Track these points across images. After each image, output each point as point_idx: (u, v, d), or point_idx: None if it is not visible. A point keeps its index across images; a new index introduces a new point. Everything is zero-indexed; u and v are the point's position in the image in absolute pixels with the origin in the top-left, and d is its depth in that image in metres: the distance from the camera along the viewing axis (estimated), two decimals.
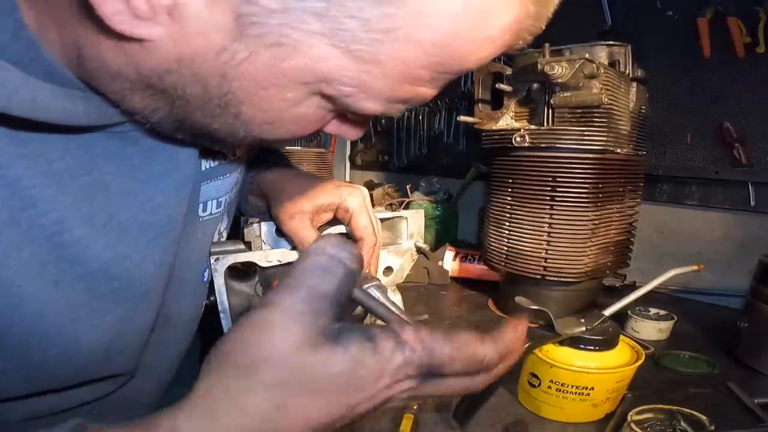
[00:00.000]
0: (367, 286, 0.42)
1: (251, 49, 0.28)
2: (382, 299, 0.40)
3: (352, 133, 0.40)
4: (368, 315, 0.53)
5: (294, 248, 0.56)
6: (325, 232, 0.57)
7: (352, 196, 0.54)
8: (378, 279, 0.46)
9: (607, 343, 0.53)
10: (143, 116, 0.34)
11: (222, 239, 0.56)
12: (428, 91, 0.33)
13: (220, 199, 0.50)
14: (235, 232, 0.58)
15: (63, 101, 0.31)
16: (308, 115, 0.34)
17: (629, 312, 0.77)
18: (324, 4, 0.26)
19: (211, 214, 0.50)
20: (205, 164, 0.46)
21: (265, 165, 0.59)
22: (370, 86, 0.31)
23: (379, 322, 0.37)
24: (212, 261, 0.51)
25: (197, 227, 0.49)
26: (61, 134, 0.34)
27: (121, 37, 0.28)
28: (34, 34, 0.31)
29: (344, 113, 0.37)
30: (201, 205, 0.48)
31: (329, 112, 0.35)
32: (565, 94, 0.71)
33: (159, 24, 0.27)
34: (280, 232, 0.56)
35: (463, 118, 0.82)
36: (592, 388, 0.51)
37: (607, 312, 0.58)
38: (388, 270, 0.64)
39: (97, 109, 0.34)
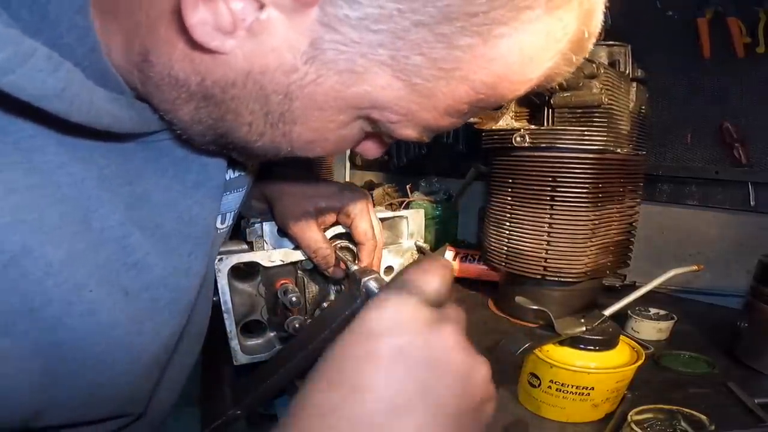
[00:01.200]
0: (366, 279, 0.44)
1: (321, 72, 0.29)
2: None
3: (377, 152, 0.41)
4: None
5: (297, 248, 0.56)
6: (328, 233, 0.57)
7: (354, 201, 0.54)
8: (377, 272, 0.46)
9: (607, 343, 0.53)
10: (184, 127, 0.34)
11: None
12: (460, 122, 0.35)
13: (235, 212, 0.50)
14: (237, 233, 0.58)
15: (112, 106, 0.32)
16: (349, 136, 0.35)
17: (629, 312, 0.77)
18: (398, 40, 0.28)
19: (228, 226, 0.50)
20: (226, 176, 0.46)
21: (265, 168, 0.59)
22: (417, 116, 0.33)
23: None
24: (216, 261, 0.51)
25: (216, 239, 0.49)
26: (104, 142, 0.34)
27: (195, 46, 0.29)
28: (98, 35, 0.31)
29: (379, 135, 0.38)
30: (220, 217, 0.48)
31: (366, 133, 0.36)
32: (565, 94, 0.71)
33: (235, 38, 0.28)
34: (283, 232, 0.57)
35: None
36: (592, 388, 0.51)
37: (607, 312, 0.58)
38: (389, 269, 0.64)
39: (139, 116, 0.34)
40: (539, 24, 0.29)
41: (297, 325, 0.55)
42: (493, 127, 0.79)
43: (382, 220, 0.61)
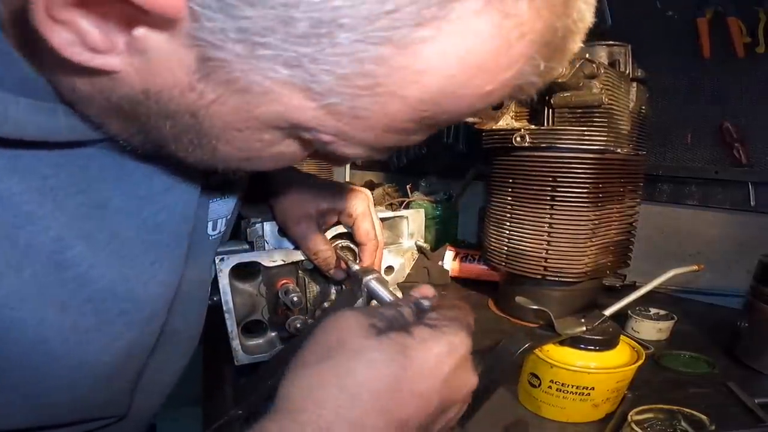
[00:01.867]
0: (368, 278, 0.44)
1: (218, 91, 0.26)
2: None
3: (340, 163, 0.39)
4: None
5: (297, 248, 0.56)
6: (329, 233, 0.57)
7: (356, 201, 0.54)
8: (378, 271, 0.47)
9: (608, 343, 0.53)
10: (123, 139, 0.33)
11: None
12: (417, 138, 0.31)
13: (229, 217, 0.50)
14: (238, 233, 0.58)
15: (40, 116, 0.29)
16: (288, 153, 0.32)
17: (629, 312, 0.77)
18: (296, 55, 0.23)
19: (220, 232, 0.49)
20: (215, 180, 0.45)
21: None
22: (351, 136, 0.28)
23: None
24: (217, 261, 0.51)
25: (207, 246, 0.48)
26: (55, 150, 0.32)
27: (82, 67, 0.26)
28: (12, 44, 0.29)
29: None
30: (210, 224, 0.47)
31: (309, 149, 0.33)
32: (565, 94, 0.72)
33: (118, 55, 0.25)
34: (283, 232, 0.57)
35: None
36: (593, 388, 0.51)
37: (607, 312, 0.58)
38: (389, 269, 0.64)
39: (82, 124, 0.32)
40: (478, 21, 0.23)
41: (298, 325, 0.56)
42: (493, 127, 0.79)
43: (383, 220, 0.61)
